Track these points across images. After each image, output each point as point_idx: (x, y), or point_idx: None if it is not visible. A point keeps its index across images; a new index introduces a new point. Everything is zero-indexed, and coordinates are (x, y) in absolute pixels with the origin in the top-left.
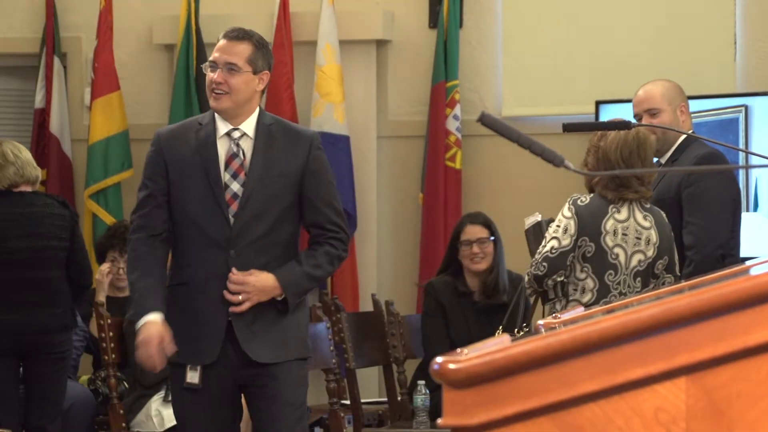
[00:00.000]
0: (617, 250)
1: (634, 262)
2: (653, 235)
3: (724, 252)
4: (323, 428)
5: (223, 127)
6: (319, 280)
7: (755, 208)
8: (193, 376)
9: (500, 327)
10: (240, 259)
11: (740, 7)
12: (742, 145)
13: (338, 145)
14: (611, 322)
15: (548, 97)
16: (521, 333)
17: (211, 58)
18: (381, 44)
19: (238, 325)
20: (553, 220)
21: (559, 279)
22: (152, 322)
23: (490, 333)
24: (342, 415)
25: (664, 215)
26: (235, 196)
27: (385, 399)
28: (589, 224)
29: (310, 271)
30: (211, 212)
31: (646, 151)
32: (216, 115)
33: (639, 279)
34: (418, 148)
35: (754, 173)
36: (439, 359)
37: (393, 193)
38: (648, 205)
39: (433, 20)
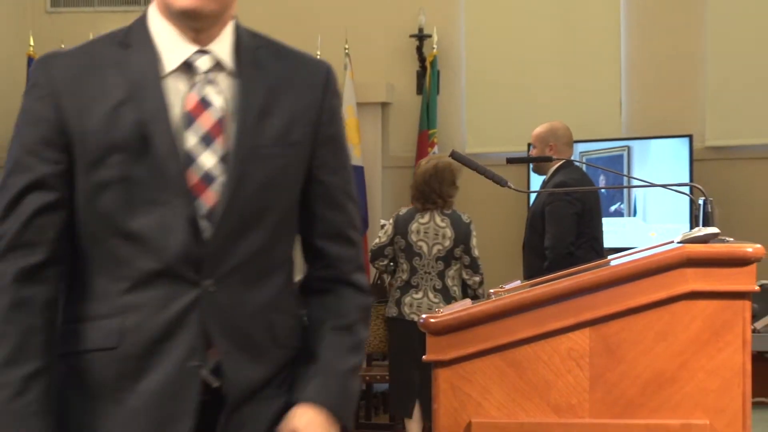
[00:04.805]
0: (420, 243)
1: (434, 251)
2: (448, 232)
3: (570, 251)
4: None
5: (174, 49)
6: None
7: (635, 214)
8: None
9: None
10: (221, 297)
11: (624, 73)
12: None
13: (355, 174)
14: (539, 291)
15: (497, 140)
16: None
17: None
18: (384, 105)
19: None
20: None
21: (383, 263)
22: None
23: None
24: None
25: (462, 217)
26: (207, 178)
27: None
28: (401, 227)
29: (351, 363)
30: (162, 213)
31: (444, 176)
32: (154, 26)
33: (441, 261)
34: (410, 176)
35: (635, 191)
36: (423, 316)
37: (393, 208)
38: (449, 212)
39: (419, 89)
